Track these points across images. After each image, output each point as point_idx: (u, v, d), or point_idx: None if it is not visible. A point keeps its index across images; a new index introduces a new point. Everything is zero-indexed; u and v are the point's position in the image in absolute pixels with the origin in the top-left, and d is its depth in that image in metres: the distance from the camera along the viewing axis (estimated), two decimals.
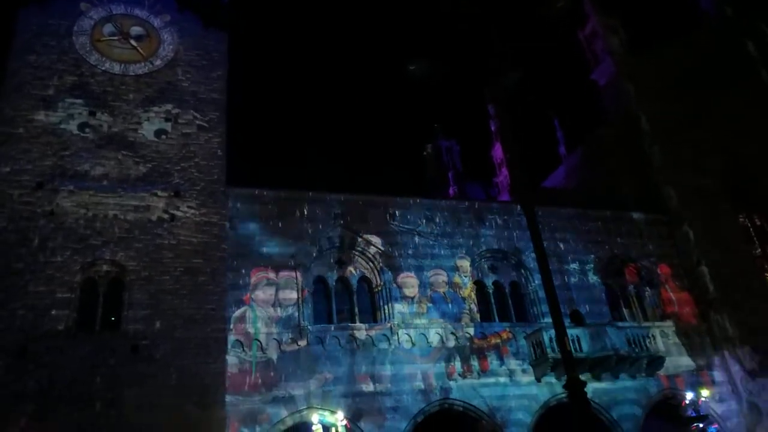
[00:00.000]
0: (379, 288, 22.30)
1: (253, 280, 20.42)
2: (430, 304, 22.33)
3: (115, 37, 21.74)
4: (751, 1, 32.90)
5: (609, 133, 31.87)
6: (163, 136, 20.65)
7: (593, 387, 21.61)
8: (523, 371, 22.18)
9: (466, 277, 23.51)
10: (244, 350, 19.24)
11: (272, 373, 19.25)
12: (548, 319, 21.80)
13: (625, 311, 25.86)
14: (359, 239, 22.66)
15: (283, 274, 20.88)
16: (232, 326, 19.20)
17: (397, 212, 23.64)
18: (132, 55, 21.65)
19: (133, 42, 21.84)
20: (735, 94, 30.46)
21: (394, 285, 22.25)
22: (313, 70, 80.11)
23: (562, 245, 25.57)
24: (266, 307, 20.19)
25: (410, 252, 23.11)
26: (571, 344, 20.45)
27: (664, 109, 29.97)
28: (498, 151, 51.69)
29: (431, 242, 23.62)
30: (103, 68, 21.04)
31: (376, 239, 22.85)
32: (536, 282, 23.88)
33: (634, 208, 28.20)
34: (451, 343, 21.86)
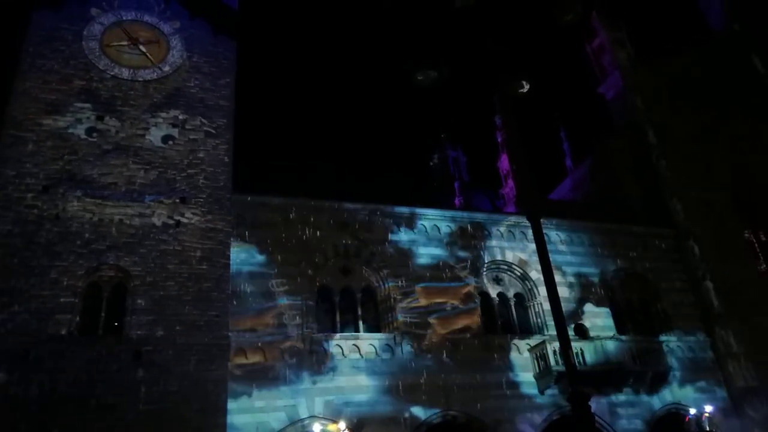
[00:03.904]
0: (384, 297, 22.24)
1: (257, 287, 20.41)
2: (434, 314, 22.25)
3: (125, 43, 21.84)
4: (758, 17, 32.93)
5: (616, 146, 31.86)
6: (170, 142, 20.68)
7: (597, 401, 21.48)
8: (527, 383, 22.07)
9: (471, 287, 23.44)
10: (246, 357, 19.20)
11: (275, 382, 19.20)
12: (552, 332, 21.71)
13: (629, 325, 25.74)
14: (364, 248, 22.64)
15: (288, 281, 20.86)
16: (235, 333, 19.17)
17: (403, 221, 23.63)
18: (141, 60, 21.73)
19: (142, 48, 21.92)
20: (743, 108, 30.49)
21: (399, 294, 22.20)
22: (320, 78, 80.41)
23: (567, 257, 25.51)
24: (270, 314, 20.16)
25: (415, 261, 23.07)
26: (575, 357, 20.54)
27: (671, 123, 30.00)
28: (504, 163, 51.72)
29: (437, 252, 23.58)
30: (112, 73, 21.10)
31: (381, 248, 22.83)
32: (541, 294, 23.78)
33: (640, 221, 28.14)
34: (456, 354, 21.77)
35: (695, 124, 29.90)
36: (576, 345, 21.72)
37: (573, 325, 23.39)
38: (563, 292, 23.54)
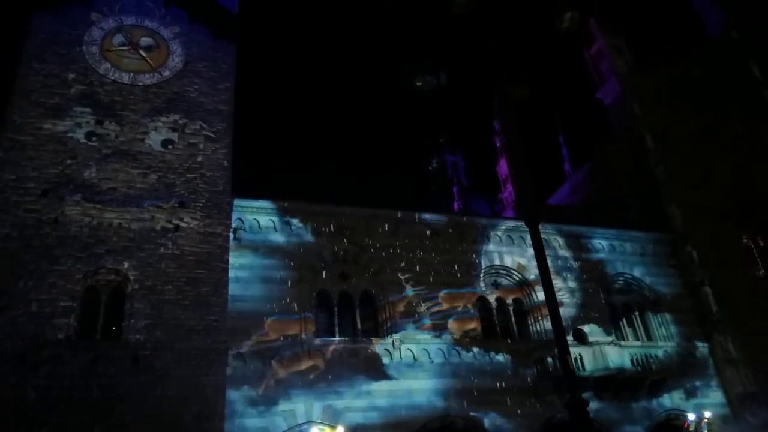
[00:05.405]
0: (382, 302, 22.22)
1: (256, 292, 20.39)
2: (433, 319, 22.23)
3: (125, 48, 21.87)
4: (756, 24, 32.98)
5: (614, 151, 31.91)
6: (170, 147, 20.71)
7: (595, 406, 21.50)
8: (526, 389, 22.04)
9: (469, 292, 23.42)
10: (245, 362, 19.16)
11: (273, 386, 19.15)
12: (551, 337, 21.69)
13: (628, 330, 25.74)
14: (363, 253, 22.62)
15: (286, 286, 20.84)
16: (233, 338, 19.13)
17: (401, 226, 23.62)
18: (141, 65, 21.78)
19: (142, 52, 21.97)
20: (741, 114, 30.50)
21: (397, 300, 22.18)
22: (320, 82, 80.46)
23: (566, 262, 25.51)
24: (268, 319, 20.11)
25: (414, 267, 23.05)
26: (573, 363, 20.51)
27: (669, 129, 30.03)
28: (503, 168, 51.70)
29: (435, 257, 23.57)
30: (112, 78, 21.14)
31: (380, 253, 22.80)
32: (539, 299, 23.76)
33: (638, 227, 28.14)
34: (454, 359, 21.75)
35: (694, 128, 29.93)
36: (575, 350, 21.72)
37: (572, 331, 23.34)
38: (561, 297, 23.52)
